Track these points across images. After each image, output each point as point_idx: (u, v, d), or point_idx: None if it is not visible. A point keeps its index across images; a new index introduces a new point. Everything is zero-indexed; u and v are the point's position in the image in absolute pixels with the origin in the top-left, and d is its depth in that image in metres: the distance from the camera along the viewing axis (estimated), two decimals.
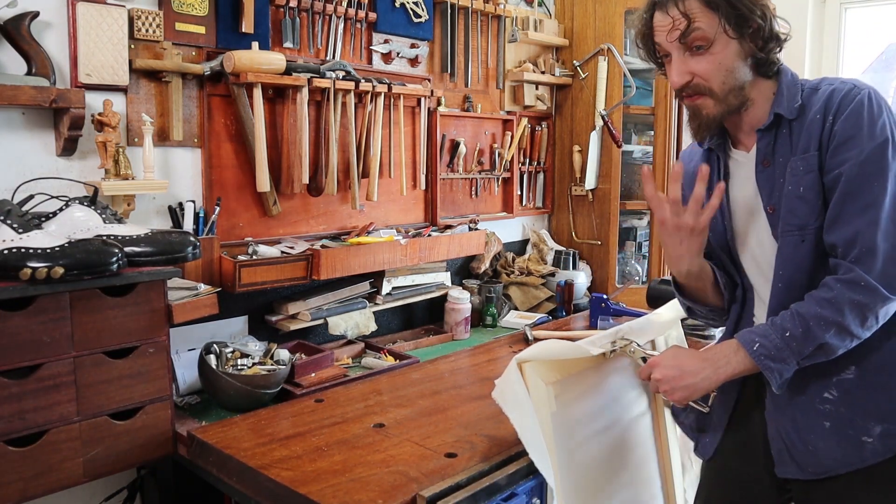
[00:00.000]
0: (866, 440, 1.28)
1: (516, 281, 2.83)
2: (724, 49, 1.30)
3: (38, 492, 1.42)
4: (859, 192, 1.24)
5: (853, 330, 1.23)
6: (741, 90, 1.34)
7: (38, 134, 1.69)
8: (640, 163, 3.17)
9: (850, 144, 1.26)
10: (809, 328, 1.24)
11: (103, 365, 1.49)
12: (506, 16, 2.80)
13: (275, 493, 1.36)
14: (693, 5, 1.30)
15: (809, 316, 1.25)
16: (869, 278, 1.21)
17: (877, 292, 1.21)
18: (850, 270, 1.23)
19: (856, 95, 1.27)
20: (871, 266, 1.22)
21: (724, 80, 1.32)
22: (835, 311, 1.23)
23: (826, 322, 1.23)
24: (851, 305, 1.22)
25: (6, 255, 1.36)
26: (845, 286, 1.23)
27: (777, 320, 1.29)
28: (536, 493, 1.47)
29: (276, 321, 2.12)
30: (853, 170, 1.24)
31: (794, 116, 1.32)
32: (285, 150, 2.11)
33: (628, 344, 1.47)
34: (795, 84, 1.36)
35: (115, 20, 1.72)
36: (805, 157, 1.30)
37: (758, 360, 1.27)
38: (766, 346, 1.27)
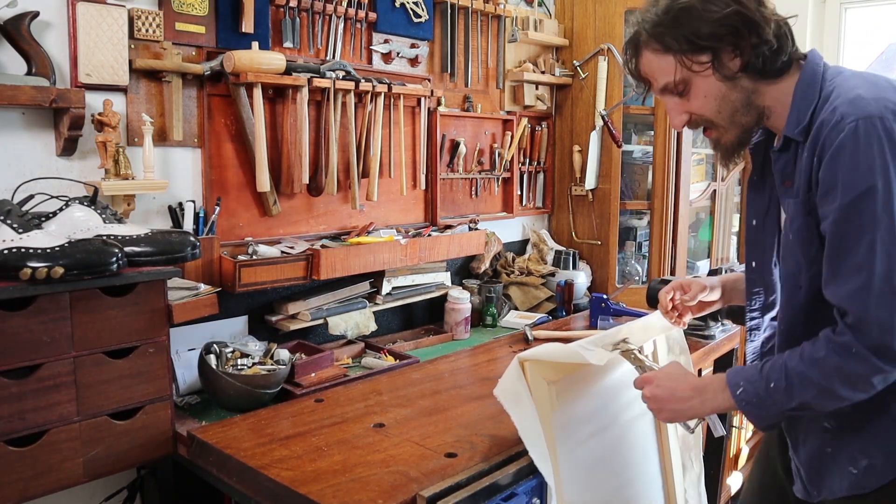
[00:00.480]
0: (852, 470, 1.25)
1: (516, 281, 2.83)
2: (704, 82, 1.23)
3: (38, 492, 1.42)
4: (846, 251, 1.13)
5: (842, 394, 1.17)
6: (748, 107, 1.25)
7: (38, 134, 1.69)
8: (640, 163, 3.17)
9: (830, 196, 1.13)
10: (793, 386, 1.19)
11: (103, 365, 1.49)
12: (506, 16, 2.80)
13: (275, 493, 1.36)
14: (649, 59, 1.25)
15: (794, 373, 1.19)
16: (861, 347, 1.12)
17: (868, 362, 1.12)
18: (843, 333, 1.15)
19: (841, 130, 1.11)
20: (864, 334, 1.12)
21: (720, 109, 1.25)
22: (821, 375, 1.16)
23: (810, 383, 1.17)
24: (839, 373, 1.15)
25: (6, 255, 1.36)
26: (836, 350, 1.15)
27: (767, 367, 1.24)
28: (536, 493, 1.47)
29: (276, 321, 2.12)
30: (835, 227, 1.14)
31: (802, 139, 1.21)
32: (285, 150, 2.11)
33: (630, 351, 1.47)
34: (812, 88, 1.22)
35: (115, 20, 1.72)
36: (796, 202, 1.22)
37: (739, 405, 1.26)
38: (749, 392, 1.24)
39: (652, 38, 1.24)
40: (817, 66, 1.24)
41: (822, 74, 1.23)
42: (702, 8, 1.18)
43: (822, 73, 1.23)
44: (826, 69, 1.24)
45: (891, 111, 1.11)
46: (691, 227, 3.45)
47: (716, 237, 3.57)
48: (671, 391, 1.35)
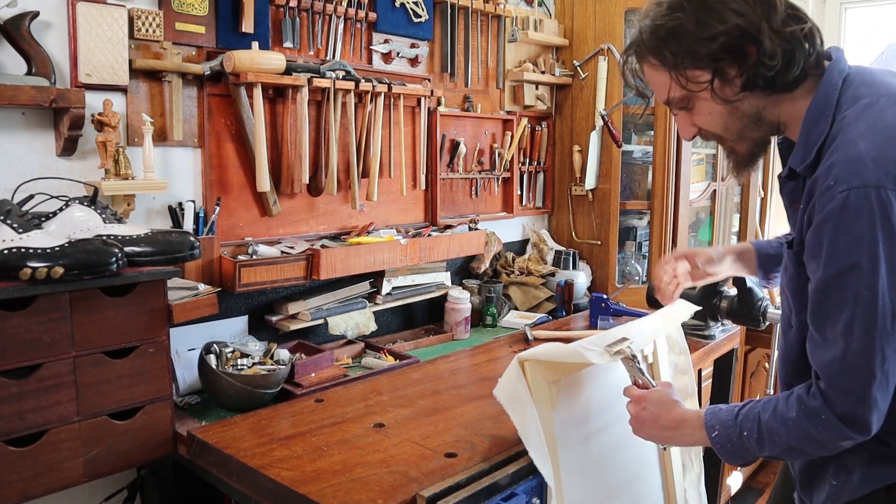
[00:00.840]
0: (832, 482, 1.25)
1: (516, 281, 2.83)
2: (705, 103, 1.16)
3: (38, 492, 1.42)
4: (825, 320, 1.10)
5: (810, 453, 1.17)
6: (758, 122, 1.17)
7: (38, 134, 1.69)
8: (640, 163, 3.17)
9: (814, 263, 1.10)
10: (763, 439, 1.18)
11: (103, 365, 1.49)
12: (506, 16, 2.80)
13: (275, 493, 1.36)
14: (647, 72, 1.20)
15: (766, 428, 1.18)
16: (830, 414, 1.10)
17: (836, 429, 1.10)
18: (815, 397, 1.13)
19: (832, 199, 1.04)
20: (835, 402, 1.10)
21: (726, 126, 1.18)
22: (790, 435, 1.15)
23: (779, 440, 1.17)
24: (807, 435, 1.14)
25: (6, 255, 1.36)
26: (805, 414, 1.13)
27: (742, 414, 1.22)
28: (536, 493, 1.47)
29: (276, 321, 2.12)
30: (816, 296, 1.10)
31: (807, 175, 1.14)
32: (285, 150, 2.11)
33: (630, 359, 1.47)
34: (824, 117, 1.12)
35: (115, 20, 1.72)
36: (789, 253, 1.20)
37: (714, 447, 1.27)
38: (723, 437, 1.24)
39: (648, 50, 1.17)
40: (833, 86, 1.13)
41: (836, 100, 1.13)
42: (698, 22, 1.10)
43: (836, 99, 1.13)
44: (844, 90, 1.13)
45: (892, 176, 1.02)
46: (691, 227, 3.45)
47: (716, 237, 3.57)
48: (655, 417, 1.36)
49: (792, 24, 1.10)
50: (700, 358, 2.25)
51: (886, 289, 1.03)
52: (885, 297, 1.04)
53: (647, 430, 1.38)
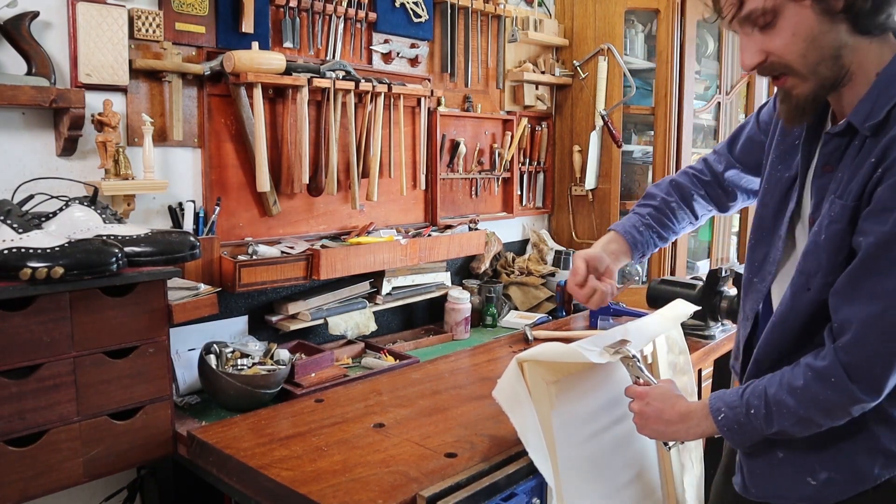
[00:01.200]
0: (810, 481, 1.23)
1: (516, 281, 2.83)
2: (797, 16, 1.06)
3: (38, 492, 1.42)
4: (874, 275, 1.07)
5: (820, 423, 1.16)
6: (835, 60, 1.08)
7: (38, 134, 1.69)
8: (640, 163, 3.17)
9: (882, 217, 1.05)
10: (772, 413, 1.18)
11: (103, 365, 1.49)
12: (506, 16, 2.80)
13: (275, 493, 1.36)
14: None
15: (773, 401, 1.17)
16: (844, 375, 1.09)
17: (847, 393, 1.10)
18: (825, 357, 1.12)
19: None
20: (854, 358, 1.09)
21: (805, 54, 1.08)
22: (799, 405, 1.14)
23: (788, 412, 1.16)
24: (816, 402, 1.13)
25: (6, 255, 1.36)
26: (815, 378, 1.12)
27: (748, 392, 1.22)
28: (536, 493, 1.47)
29: (277, 321, 2.12)
30: (875, 249, 1.06)
31: (869, 133, 1.10)
32: (285, 150, 2.11)
33: (630, 358, 1.47)
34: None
35: (115, 20, 1.72)
36: (843, 206, 1.12)
37: (720, 430, 1.26)
38: (730, 418, 1.23)
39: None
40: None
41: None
42: None
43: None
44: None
45: None
46: None
47: (716, 237, 3.57)
48: (659, 412, 1.36)
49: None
50: (700, 358, 2.25)
51: None
52: None
53: (652, 426, 1.37)
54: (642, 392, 1.41)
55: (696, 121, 3.20)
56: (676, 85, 3.00)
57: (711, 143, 3.50)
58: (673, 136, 3.01)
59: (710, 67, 3.43)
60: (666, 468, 1.75)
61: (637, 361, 1.46)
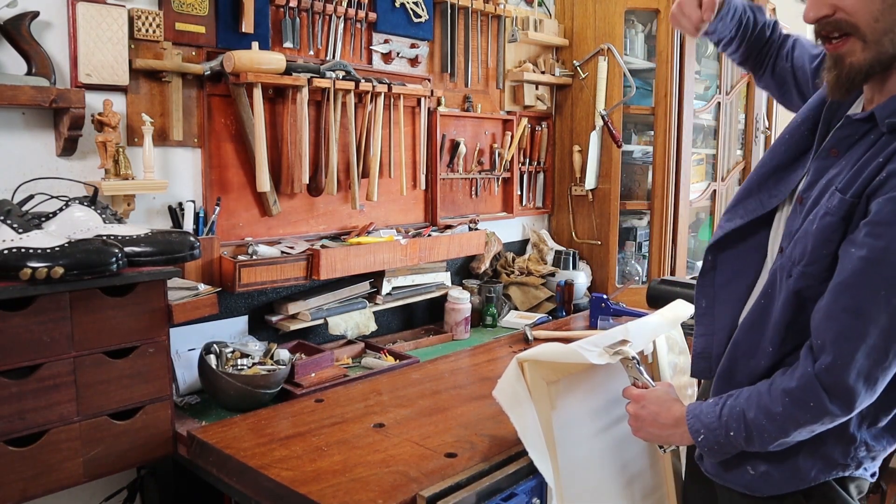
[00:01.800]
0: (749, 470, 1.25)
1: (516, 281, 2.83)
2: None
3: (38, 492, 1.42)
4: (861, 293, 1.04)
5: (797, 440, 1.17)
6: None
7: (38, 134, 1.69)
8: (640, 163, 3.17)
9: (879, 231, 1.02)
10: (752, 436, 1.18)
11: (103, 365, 1.49)
12: (506, 16, 2.80)
13: (275, 493, 1.36)
14: None
15: (754, 426, 1.17)
16: (823, 397, 1.09)
17: (825, 413, 1.10)
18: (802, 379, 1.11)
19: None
20: (836, 378, 1.07)
21: (879, 17, 1.01)
22: (779, 430, 1.15)
23: (770, 436, 1.17)
24: (797, 426, 1.13)
25: (6, 255, 1.36)
26: (793, 404, 1.12)
27: (725, 414, 1.21)
28: (536, 493, 1.47)
29: (277, 321, 2.12)
30: (865, 265, 1.03)
31: (886, 130, 1.06)
32: (285, 150, 2.11)
33: (629, 359, 1.47)
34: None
35: (115, 20, 1.72)
36: (841, 199, 1.08)
37: (701, 449, 1.28)
38: (710, 440, 1.24)
39: None
40: None
41: None
42: None
43: None
44: None
45: None
46: (691, 227, 3.45)
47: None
48: (654, 416, 1.36)
49: None
50: None
51: None
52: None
53: (647, 429, 1.38)
54: (639, 395, 1.40)
55: (696, 121, 3.20)
56: (676, 85, 3.00)
57: (711, 143, 3.50)
58: (673, 136, 3.01)
59: (710, 67, 3.43)
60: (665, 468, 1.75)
61: (636, 363, 1.46)
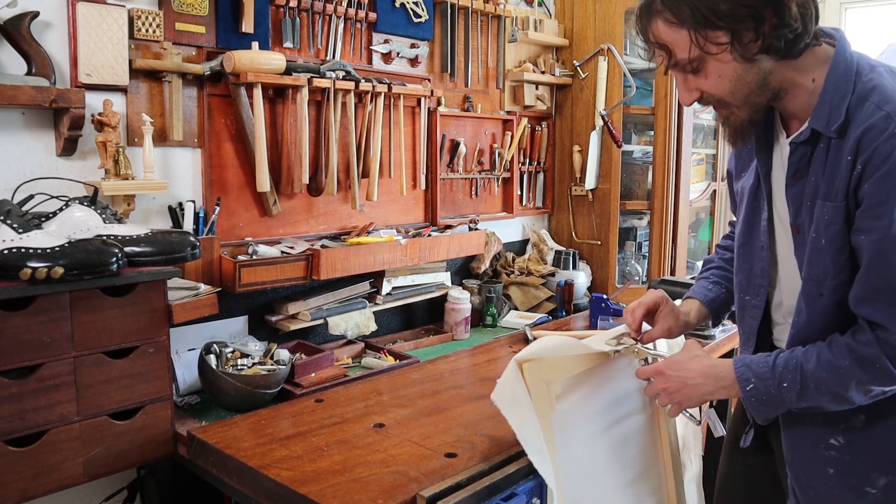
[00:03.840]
0: (870, 490, 1.22)
1: (516, 281, 2.83)
2: (721, 62, 1.14)
3: (38, 492, 1.42)
4: (886, 272, 1.10)
5: (855, 401, 1.18)
6: (763, 87, 1.17)
7: (38, 134, 1.69)
8: (640, 163, 3.17)
9: (878, 211, 1.08)
10: (808, 389, 1.18)
11: (103, 365, 1.49)
12: (506, 16, 2.80)
13: (275, 493, 1.36)
14: (661, 29, 1.16)
15: (812, 378, 1.18)
16: (887, 363, 1.12)
17: (890, 377, 1.13)
18: (869, 344, 1.13)
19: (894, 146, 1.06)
20: (892, 350, 1.11)
21: (733, 91, 1.17)
22: (839, 383, 1.16)
23: (827, 389, 1.17)
24: (859, 383, 1.15)
25: (6, 255, 1.36)
26: (858, 362, 1.14)
27: (780, 364, 1.21)
28: (536, 493, 1.47)
29: (276, 321, 2.12)
30: (879, 245, 1.09)
31: (833, 136, 1.15)
32: (285, 150, 2.11)
33: (634, 344, 1.47)
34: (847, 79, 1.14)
35: (115, 20, 1.72)
36: (834, 207, 1.14)
37: (747, 401, 1.26)
38: (760, 390, 1.22)
39: (666, 6, 1.14)
40: (850, 56, 1.16)
41: (856, 66, 1.15)
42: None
43: (856, 65, 1.15)
44: (860, 60, 1.16)
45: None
46: (691, 227, 3.45)
47: (716, 237, 3.57)
48: (682, 380, 1.32)
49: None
50: None
51: None
52: None
53: (682, 397, 1.33)
54: (657, 368, 1.37)
55: (696, 121, 3.20)
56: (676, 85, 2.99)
57: (711, 143, 3.50)
58: (673, 136, 3.01)
59: None
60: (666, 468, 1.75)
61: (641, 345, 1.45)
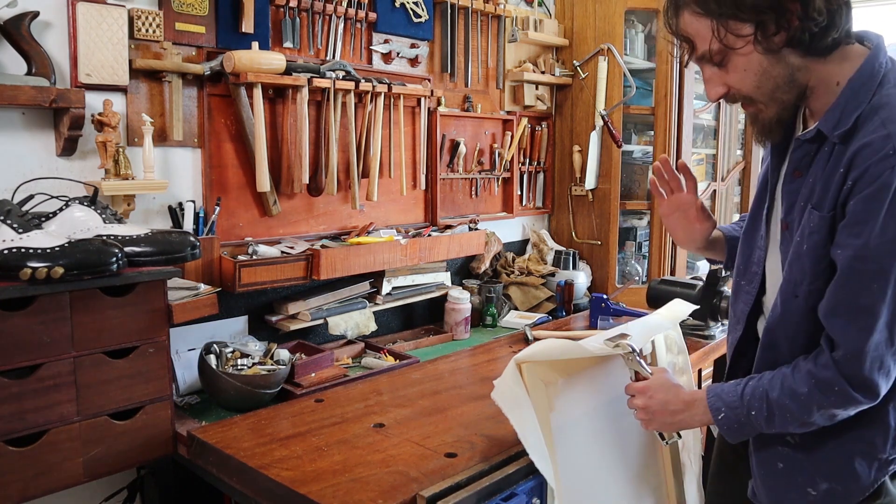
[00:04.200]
0: (811, 492, 1.26)
1: (516, 281, 2.83)
2: (746, 55, 1.13)
3: (38, 492, 1.42)
4: (856, 290, 1.11)
5: (819, 424, 1.21)
6: (790, 83, 1.15)
7: (38, 134, 1.69)
8: (640, 163, 3.17)
9: (857, 230, 1.09)
10: (774, 416, 1.22)
11: (103, 365, 1.49)
12: (506, 16, 2.80)
13: (275, 493, 1.36)
14: (688, 20, 1.16)
15: (776, 405, 1.21)
16: (845, 384, 1.14)
17: (848, 399, 1.15)
18: (827, 367, 1.15)
19: (888, 168, 1.05)
20: (852, 371, 1.13)
21: (759, 85, 1.16)
22: (801, 410, 1.19)
23: (791, 416, 1.20)
24: (821, 408, 1.17)
25: (6, 255, 1.36)
26: (817, 387, 1.16)
27: (748, 394, 1.25)
28: (536, 493, 1.47)
29: (276, 321, 2.12)
30: (852, 263, 1.10)
31: (838, 141, 1.14)
32: (285, 150, 2.11)
33: (630, 353, 1.47)
34: (868, 87, 1.12)
35: (115, 20, 1.72)
36: (820, 217, 1.15)
37: (720, 428, 1.30)
38: (730, 418, 1.27)
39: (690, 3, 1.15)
40: (880, 63, 1.14)
41: (882, 75, 1.13)
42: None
43: (882, 74, 1.13)
44: (889, 70, 1.14)
45: None
46: None
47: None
48: (664, 404, 1.37)
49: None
50: (700, 358, 2.25)
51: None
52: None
53: (660, 418, 1.38)
54: (643, 387, 1.41)
55: (696, 121, 3.20)
56: (676, 85, 3.00)
57: (711, 143, 3.50)
58: (673, 136, 3.01)
59: None
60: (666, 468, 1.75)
61: (636, 355, 1.46)
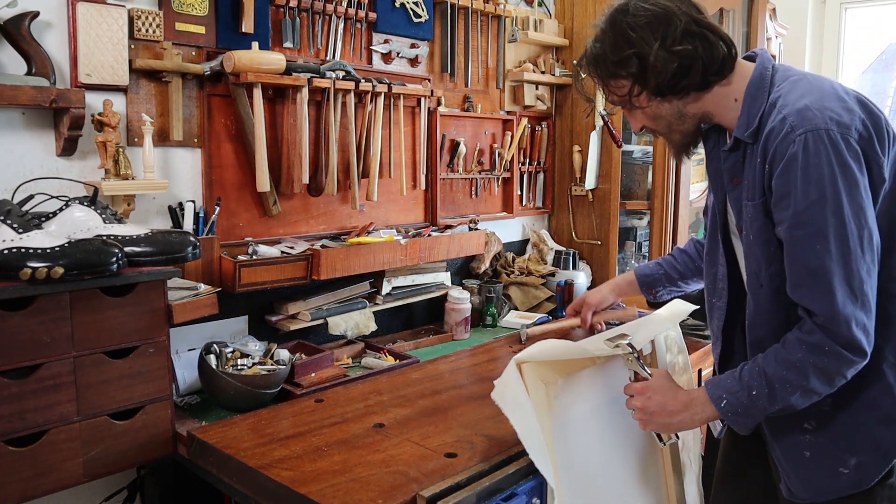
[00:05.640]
0: (843, 471, 1.29)
1: (516, 281, 2.83)
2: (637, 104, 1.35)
3: (38, 492, 1.42)
4: (802, 257, 1.21)
5: (819, 391, 1.25)
6: (681, 118, 1.35)
7: (38, 134, 1.69)
8: (640, 163, 3.17)
9: (784, 204, 1.22)
10: (775, 390, 1.25)
11: (103, 365, 1.49)
12: (506, 16, 2.80)
13: (275, 493, 1.36)
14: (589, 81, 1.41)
15: (775, 378, 1.25)
16: (833, 343, 1.20)
17: (841, 358, 1.21)
18: (813, 332, 1.22)
19: (791, 143, 1.20)
20: (834, 332, 1.20)
21: (655, 125, 1.39)
22: (799, 376, 1.23)
23: (791, 385, 1.24)
24: (816, 370, 1.22)
25: (6, 255, 1.36)
26: (809, 350, 1.22)
27: (745, 375, 1.29)
28: (536, 493, 1.47)
29: (276, 321, 2.12)
30: (790, 233, 1.22)
31: (751, 141, 1.30)
32: (285, 150, 2.11)
33: (629, 353, 1.48)
34: (761, 92, 1.30)
35: (115, 20, 1.72)
36: (754, 205, 1.29)
37: (725, 416, 1.32)
38: (733, 403, 1.29)
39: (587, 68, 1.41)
40: (766, 68, 1.32)
41: (770, 78, 1.31)
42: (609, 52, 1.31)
43: (770, 77, 1.31)
44: (774, 72, 1.32)
45: (835, 122, 1.18)
46: (691, 227, 3.45)
47: None
48: (662, 405, 1.39)
49: (686, 42, 1.26)
50: (700, 358, 2.25)
51: (850, 215, 1.17)
52: (850, 222, 1.17)
53: (658, 419, 1.40)
54: (641, 388, 1.43)
55: None
56: None
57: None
58: None
59: None
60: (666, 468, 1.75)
61: (635, 356, 1.47)
